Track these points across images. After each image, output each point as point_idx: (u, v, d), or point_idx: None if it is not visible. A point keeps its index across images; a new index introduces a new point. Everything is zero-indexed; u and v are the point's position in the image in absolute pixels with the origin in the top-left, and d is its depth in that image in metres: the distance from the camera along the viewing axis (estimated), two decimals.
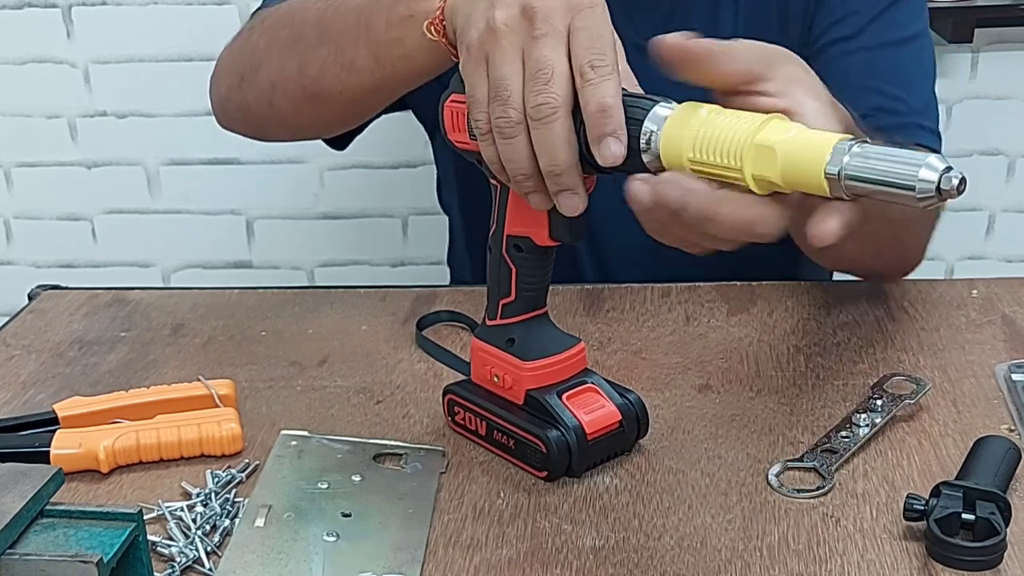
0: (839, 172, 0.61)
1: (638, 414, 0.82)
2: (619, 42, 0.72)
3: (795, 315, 1.03)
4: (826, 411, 0.88)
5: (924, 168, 0.59)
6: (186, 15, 1.90)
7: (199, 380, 0.90)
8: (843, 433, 0.83)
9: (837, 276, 1.28)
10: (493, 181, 0.79)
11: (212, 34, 1.90)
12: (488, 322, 0.84)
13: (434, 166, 1.32)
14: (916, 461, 0.81)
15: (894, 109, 1.06)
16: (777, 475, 0.79)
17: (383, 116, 1.04)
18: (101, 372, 0.98)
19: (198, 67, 1.92)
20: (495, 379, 0.83)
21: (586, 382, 0.82)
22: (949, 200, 0.60)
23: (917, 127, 1.07)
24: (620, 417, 0.81)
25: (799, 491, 0.78)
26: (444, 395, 0.87)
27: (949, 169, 0.59)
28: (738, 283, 1.09)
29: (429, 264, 2.01)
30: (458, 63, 0.75)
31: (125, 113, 1.98)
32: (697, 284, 1.09)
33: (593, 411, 0.80)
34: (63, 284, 1.17)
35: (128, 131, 1.98)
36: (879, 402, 0.86)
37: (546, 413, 0.80)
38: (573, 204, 0.72)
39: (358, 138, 1.15)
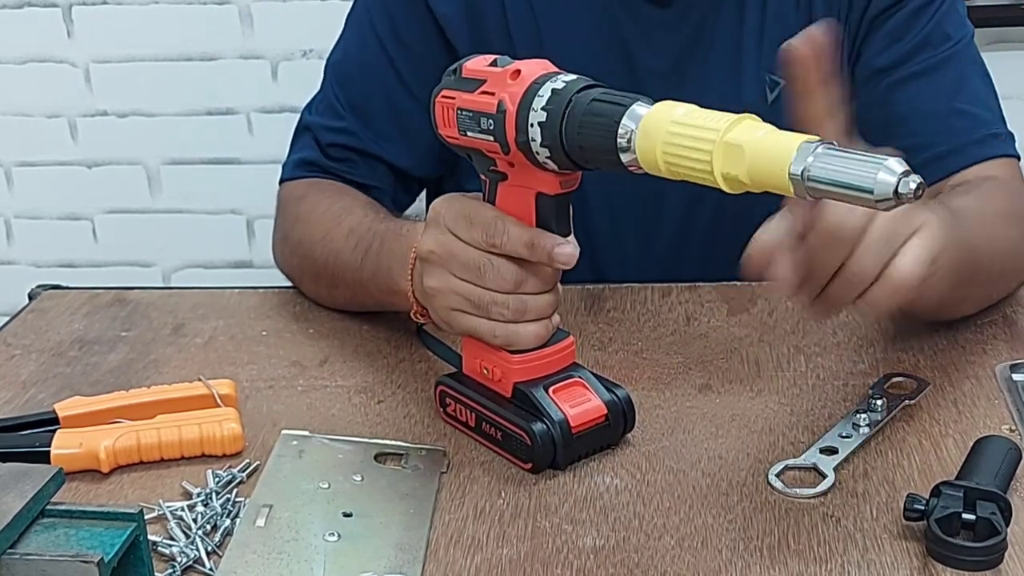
0: (802, 172, 0.62)
1: (624, 409, 0.83)
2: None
3: (795, 315, 1.03)
4: (826, 411, 0.88)
5: (883, 171, 0.60)
6: (186, 15, 1.90)
7: (200, 380, 0.90)
8: (843, 433, 0.83)
9: None
10: (482, 176, 0.82)
11: (212, 34, 1.91)
12: None
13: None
14: (916, 461, 0.81)
15: (965, 127, 1.07)
16: (777, 475, 0.79)
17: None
18: (102, 372, 0.98)
19: (198, 67, 1.93)
20: (485, 371, 0.84)
21: (573, 376, 0.83)
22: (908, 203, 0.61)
23: (992, 137, 1.07)
24: (606, 411, 0.82)
25: (799, 491, 0.78)
26: (436, 387, 0.88)
27: (908, 173, 0.60)
28: (738, 283, 1.09)
29: None
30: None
31: (126, 112, 1.97)
32: (697, 284, 1.09)
33: (579, 405, 0.81)
34: (64, 284, 1.17)
35: (128, 130, 1.98)
36: (879, 402, 0.85)
37: (532, 406, 0.81)
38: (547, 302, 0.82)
39: None
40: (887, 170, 0.60)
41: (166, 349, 1.02)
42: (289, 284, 1.13)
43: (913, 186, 0.60)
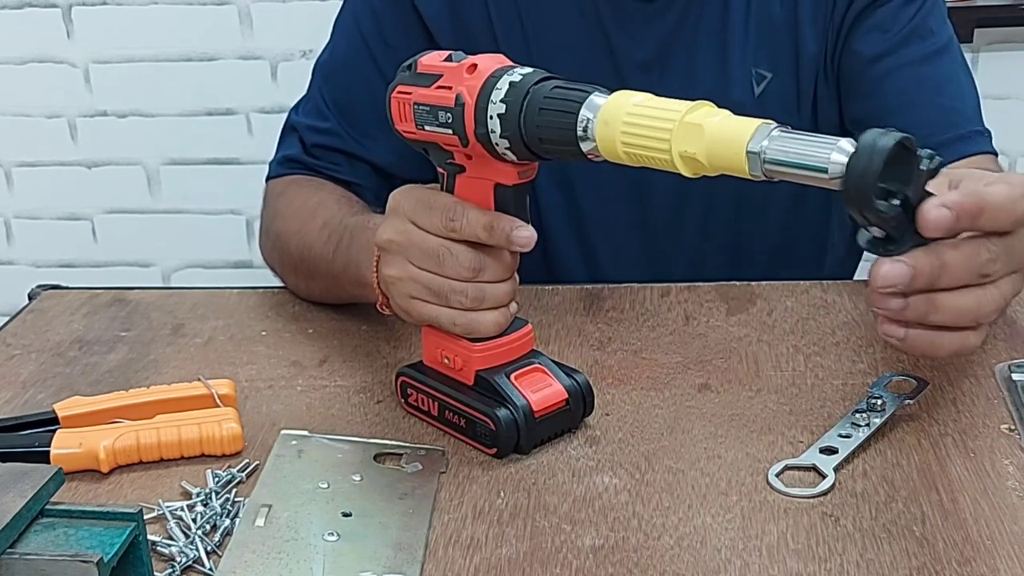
0: (759, 152, 0.65)
1: (584, 393, 0.85)
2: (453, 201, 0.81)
3: (794, 315, 1.03)
4: (826, 411, 0.88)
5: (835, 152, 0.64)
6: (186, 15, 1.90)
7: (199, 380, 0.90)
8: (843, 433, 0.83)
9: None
10: (440, 169, 0.83)
11: (212, 34, 1.91)
12: None
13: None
14: (915, 461, 0.81)
15: (953, 121, 1.09)
16: (777, 475, 0.79)
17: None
18: (101, 372, 0.99)
19: (198, 67, 1.93)
20: (446, 361, 0.85)
21: (533, 362, 0.85)
22: None
23: (976, 134, 1.10)
24: (566, 396, 0.84)
25: (799, 491, 0.78)
26: (397, 378, 0.89)
27: None
28: (737, 283, 1.09)
29: None
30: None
31: (125, 113, 1.98)
32: (697, 284, 1.09)
33: (540, 390, 0.83)
34: (63, 284, 1.17)
35: (128, 131, 1.98)
36: (879, 402, 0.86)
37: (495, 393, 0.82)
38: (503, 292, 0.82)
39: None
40: (840, 150, 0.63)
41: (166, 349, 1.02)
42: None
43: None
